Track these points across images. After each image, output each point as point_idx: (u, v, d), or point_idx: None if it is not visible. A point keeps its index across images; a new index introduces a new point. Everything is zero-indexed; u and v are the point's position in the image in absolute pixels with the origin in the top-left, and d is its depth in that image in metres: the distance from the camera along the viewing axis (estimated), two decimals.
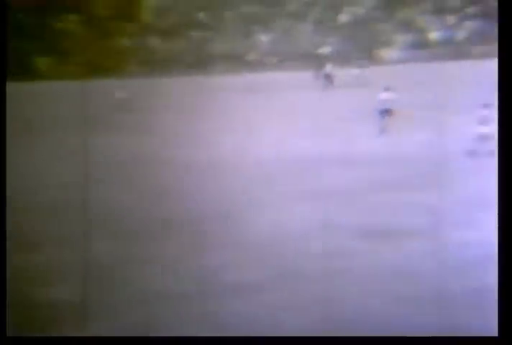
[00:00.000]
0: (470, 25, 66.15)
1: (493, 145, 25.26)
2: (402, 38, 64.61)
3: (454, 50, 63.35)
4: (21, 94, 46.62)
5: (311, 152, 27.93)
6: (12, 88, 18.28)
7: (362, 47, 61.91)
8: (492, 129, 25.31)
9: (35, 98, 52.07)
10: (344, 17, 65.18)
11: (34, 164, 28.01)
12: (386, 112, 31.44)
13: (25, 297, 13.36)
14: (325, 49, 60.46)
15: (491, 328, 9.37)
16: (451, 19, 67.00)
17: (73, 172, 25.03)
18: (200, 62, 57.43)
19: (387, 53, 62.64)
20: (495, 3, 64.78)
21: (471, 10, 66.00)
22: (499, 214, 8.80)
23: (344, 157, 26.51)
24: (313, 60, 56.71)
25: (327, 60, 56.34)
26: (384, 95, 32.19)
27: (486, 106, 26.98)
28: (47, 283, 14.24)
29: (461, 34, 65.73)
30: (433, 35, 66.02)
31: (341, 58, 54.34)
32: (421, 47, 63.99)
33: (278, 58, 59.40)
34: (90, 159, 27.57)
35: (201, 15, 61.10)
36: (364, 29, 63.62)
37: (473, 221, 17.32)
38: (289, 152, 27.96)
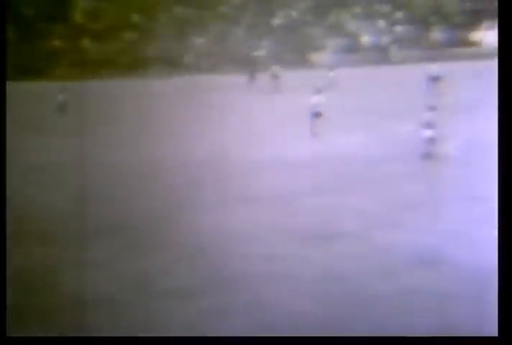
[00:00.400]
0: (400, 30, 67.20)
1: (428, 148, 25.58)
2: (334, 42, 65.27)
3: (384, 55, 64.31)
4: None
5: (247, 155, 27.98)
6: None
7: (295, 50, 62.30)
8: (430, 132, 25.60)
9: None
10: (277, 21, 65.49)
11: None
12: (317, 115, 31.66)
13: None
14: (259, 52, 60.64)
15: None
16: (381, 24, 67.97)
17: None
18: (134, 65, 56.97)
19: (319, 57, 63.19)
20: (424, 9, 65.49)
21: (401, 15, 67.05)
22: (499, 214, 8.80)
23: (277, 160, 26.59)
24: (248, 63, 56.76)
25: (262, 62, 56.50)
26: (315, 99, 32.33)
27: (430, 108, 27.22)
28: None
29: (391, 39, 66.72)
30: (365, 39, 66.89)
31: (275, 61, 54.50)
32: (352, 51, 64.75)
33: (213, 61, 59.34)
34: (21, 162, 27.07)
35: (135, 17, 60.62)
36: (296, 32, 64.06)
37: (403, 223, 17.55)
38: (225, 155, 27.93)
